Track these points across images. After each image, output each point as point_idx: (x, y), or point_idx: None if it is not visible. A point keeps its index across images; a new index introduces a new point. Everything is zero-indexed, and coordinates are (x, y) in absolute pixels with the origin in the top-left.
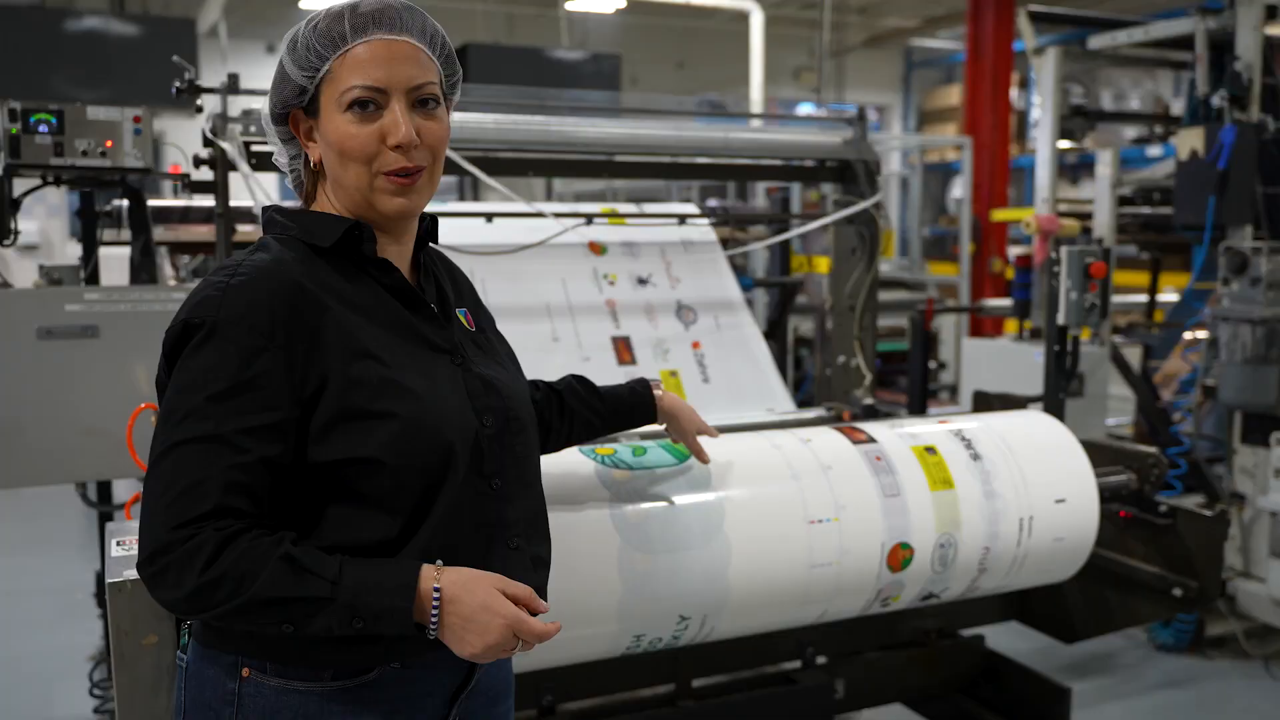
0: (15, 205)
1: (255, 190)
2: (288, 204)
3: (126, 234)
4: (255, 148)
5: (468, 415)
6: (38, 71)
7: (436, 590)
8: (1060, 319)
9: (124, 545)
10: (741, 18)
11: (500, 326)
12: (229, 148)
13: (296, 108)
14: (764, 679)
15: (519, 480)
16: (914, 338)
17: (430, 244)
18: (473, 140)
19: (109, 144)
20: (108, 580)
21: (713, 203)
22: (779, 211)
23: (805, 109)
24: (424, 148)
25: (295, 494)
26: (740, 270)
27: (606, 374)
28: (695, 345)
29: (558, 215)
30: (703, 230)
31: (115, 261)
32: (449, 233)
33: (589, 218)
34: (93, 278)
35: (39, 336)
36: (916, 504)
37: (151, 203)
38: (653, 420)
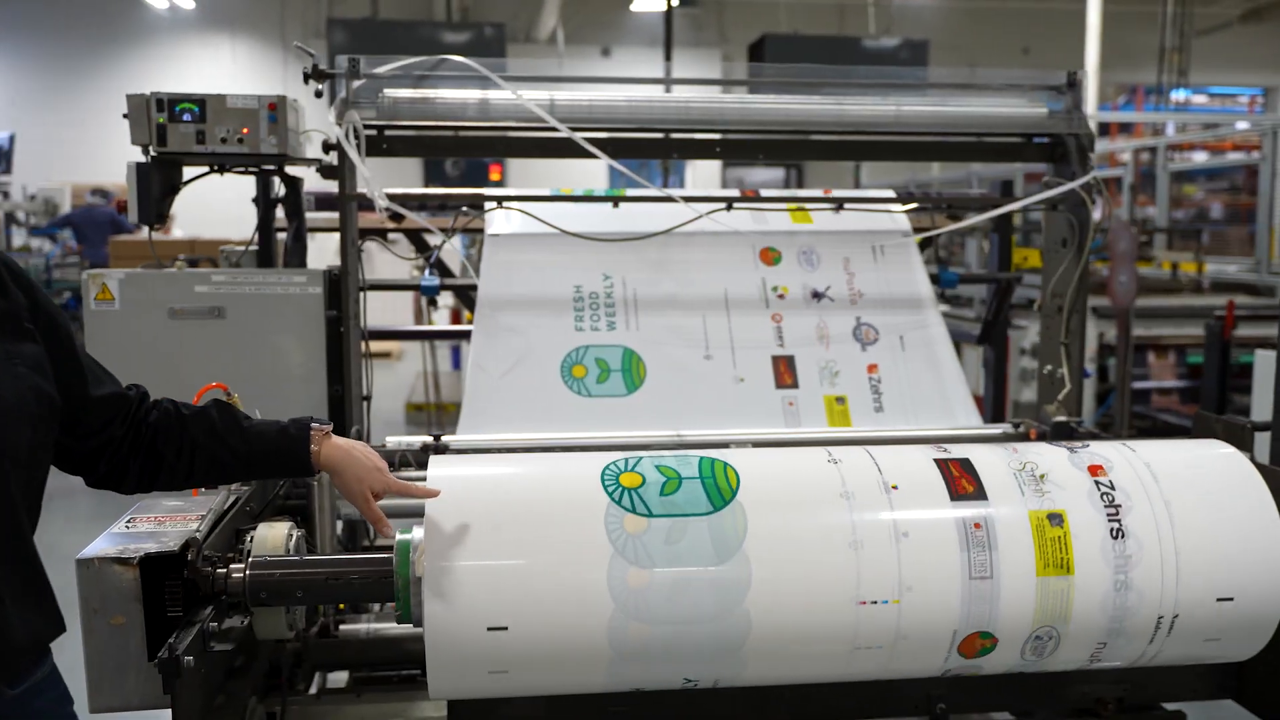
0: (175, 190)
1: (363, 175)
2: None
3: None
4: (389, 132)
5: None
6: None
7: None
8: None
9: (132, 524)
10: None
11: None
12: (339, 132)
13: None
14: None
15: None
16: (1210, 347)
17: None
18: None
19: (245, 131)
20: (77, 556)
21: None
22: (999, 196)
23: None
24: None
25: None
26: (945, 264)
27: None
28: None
29: (686, 199)
30: (895, 218)
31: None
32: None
33: (729, 202)
34: (266, 260)
35: (170, 316)
36: (1013, 592)
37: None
38: (307, 473)
